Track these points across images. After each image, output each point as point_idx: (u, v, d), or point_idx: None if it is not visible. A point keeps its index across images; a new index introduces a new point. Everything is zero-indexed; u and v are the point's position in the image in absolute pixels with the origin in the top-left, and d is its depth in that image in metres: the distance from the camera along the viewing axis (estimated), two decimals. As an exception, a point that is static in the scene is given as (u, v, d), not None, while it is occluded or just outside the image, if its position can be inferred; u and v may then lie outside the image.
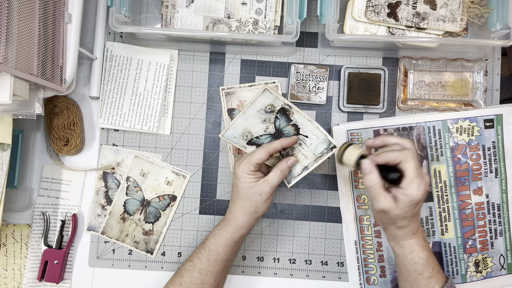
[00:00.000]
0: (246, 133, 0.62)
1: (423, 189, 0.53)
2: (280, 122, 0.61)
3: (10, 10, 0.48)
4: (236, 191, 0.60)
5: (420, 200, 0.53)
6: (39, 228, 0.70)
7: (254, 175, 0.58)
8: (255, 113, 0.61)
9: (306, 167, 0.61)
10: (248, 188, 0.58)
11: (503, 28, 0.62)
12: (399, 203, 0.53)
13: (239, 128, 0.62)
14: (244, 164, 0.58)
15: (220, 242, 0.60)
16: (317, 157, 0.61)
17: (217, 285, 0.61)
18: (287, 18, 0.61)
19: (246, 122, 0.61)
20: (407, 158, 0.53)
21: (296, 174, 0.62)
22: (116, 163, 0.71)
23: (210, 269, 0.60)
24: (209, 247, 0.60)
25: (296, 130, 0.61)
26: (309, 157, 0.61)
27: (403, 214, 0.54)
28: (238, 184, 0.59)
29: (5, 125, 0.62)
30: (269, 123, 0.61)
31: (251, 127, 0.61)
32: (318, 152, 0.61)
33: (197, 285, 0.59)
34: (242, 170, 0.58)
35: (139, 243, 0.70)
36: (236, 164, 0.60)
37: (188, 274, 0.60)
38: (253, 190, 0.58)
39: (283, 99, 0.60)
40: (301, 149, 0.62)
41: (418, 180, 0.53)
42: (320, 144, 0.61)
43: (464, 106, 0.70)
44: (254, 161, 0.57)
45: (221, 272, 0.61)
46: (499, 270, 0.70)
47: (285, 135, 0.62)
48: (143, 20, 0.70)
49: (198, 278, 0.59)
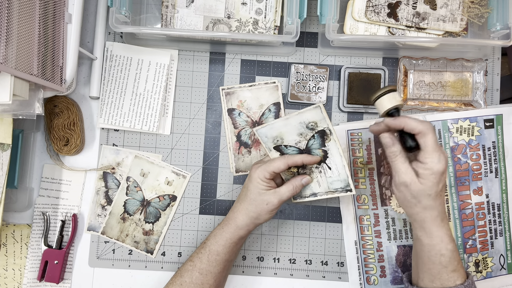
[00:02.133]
0: (278, 138, 0.61)
1: (443, 162, 0.51)
2: (314, 143, 0.60)
3: (10, 10, 0.48)
4: (246, 192, 0.60)
5: (442, 173, 0.52)
6: (39, 228, 0.70)
7: (267, 183, 0.58)
8: (296, 124, 0.60)
9: (315, 194, 0.62)
10: (258, 194, 0.58)
11: (503, 28, 0.62)
12: (421, 178, 0.52)
13: (275, 131, 0.61)
14: (261, 170, 0.58)
15: (220, 243, 0.60)
16: (329, 190, 0.61)
17: (217, 285, 0.61)
18: (287, 18, 0.61)
19: (284, 128, 0.60)
20: (426, 130, 0.51)
21: (303, 195, 0.62)
22: (116, 163, 0.71)
23: (210, 269, 0.60)
24: (209, 247, 0.60)
25: (324, 158, 0.60)
26: (322, 187, 0.61)
27: (427, 191, 0.52)
28: (249, 186, 0.59)
29: (5, 125, 0.62)
30: (303, 139, 0.60)
31: (286, 134, 0.61)
32: (333, 188, 0.61)
33: (197, 285, 0.59)
34: (257, 175, 0.58)
35: (139, 243, 0.70)
36: (254, 167, 0.59)
37: (188, 274, 0.60)
38: (261, 197, 0.58)
39: (328, 123, 0.59)
40: (318, 176, 0.61)
41: (438, 154, 0.51)
42: (338, 181, 0.60)
43: (464, 106, 0.70)
44: (271, 169, 0.57)
45: (221, 272, 0.61)
46: (499, 270, 0.70)
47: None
48: (143, 20, 0.70)
49: (198, 278, 0.59)
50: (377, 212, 0.70)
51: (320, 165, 0.61)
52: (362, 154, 0.70)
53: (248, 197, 0.59)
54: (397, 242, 0.70)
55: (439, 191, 0.53)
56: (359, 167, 0.70)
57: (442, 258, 0.54)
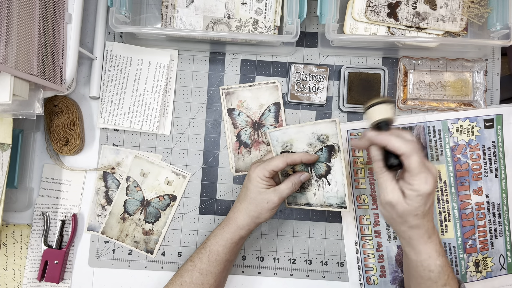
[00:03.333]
0: (288, 144, 0.61)
1: (431, 183, 0.49)
2: (320, 155, 0.60)
3: (10, 10, 0.48)
4: (245, 192, 0.60)
5: (430, 194, 0.49)
6: (39, 228, 0.70)
7: (267, 181, 0.58)
8: (309, 133, 0.60)
9: (310, 205, 0.63)
10: (258, 193, 0.58)
11: (503, 28, 0.62)
12: (407, 198, 0.50)
13: (287, 136, 0.61)
14: (260, 169, 0.58)
15: (221, 243, 0.60)
16: (324, 204, 0.62)
17: (217, 285, 0.61)
18: (287, 18, 0.61)
19: (296, 135, 0.60)
20: (410, 152, 0.49)
21: (298, 203, 0.63)
22: (116, 163, 0.71)
23: (210, 269, 0.60)
24: (209, 247, 0.60)
25: (326, 173, 0.61)
26: (318, 200, 0.62)
27: (413, 211, 0.50)
28: (249, 186, 0.59)
29: (5, 125, 0.62)
30: (311, 149, 0.60)
31: (296, 141, 0.61)
32: (328, 202, 0.61)
33: (197, 285, 0.59)
34: (256, 174, 0.58)
35: (139, 243, 0.70)
36: (253, 166, 0.60)
37: (188, 274, 0.60)
38: (261, 196, 0.58)
39: (339, 139, 0.58)
40: (316, 189, 0.62)
41: (425, 175, 0.49)
42: (335, 197, 0.61)
43: (464, 106, 0.70)
44: (270, 168, 0.57)
45: (221, 272, 0.61)
46: (499, 270, 0.70)
47: (315, 168, 0.61)
48: (143, 20, 0.70)
49: (198, 278, 0.59)
50: (377, 212, 0.70)
51: (320, 179, 0.61)
52: (362, 154, 0.70)
53: (248, 197, 0.59)
54: (397, 242, 0.70)
55: (427, 210, 0.51)
56: (359, 167, 0.70)
57: (431, 273, 0.53)
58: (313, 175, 0.62)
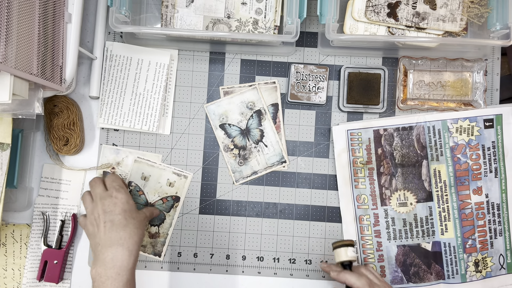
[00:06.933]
0: (224, 116, 0.69)
1: None
2: (252, 122, 0.68)
3: (10, 10, 0.48)
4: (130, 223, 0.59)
5: None
6: (39, 228, 0.69)
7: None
8: (239, 103, 0.67)
9: (256, 172, 0.69)
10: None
11: (503, 28, 0.62)
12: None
13: (221, 108, 0.69)
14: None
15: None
16: (267, 166, 0.69)
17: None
18: (287, 18, 0.61)
19: (228, 106, 0.69)
20: (361, 286, 0.59)
21: (245, 176, 0.69)
22: (116, 162, 0.70)
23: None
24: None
25: (261, 136, 0.68)
26: (261, 164, 0.69)
27: None
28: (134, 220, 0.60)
29: (4, 125, 0.62)
30: (244, 119, 0.68)
31: (230, 112, 0.69)
32: (270, 162, 0.69)
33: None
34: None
35: (146, 246, 0.70)
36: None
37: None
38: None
39: (263, 103, 0.66)
40: (256, 155, 0.68)
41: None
42: (274, 155, 0.69)
43: (464, 106, 0.70)
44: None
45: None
46: (499, 270, 0.70)
47: (251, 135, 0.69)
48: (143, 20, 0.70)
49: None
50: (377, 212, 0.70)
51: (257, 145, 0.68)
52: (362, 154, 0.70)
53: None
54: (397, 242, 0.70)
55: None
56: (359, 167, 0.70)
57: None
58: (252, 143, 0.68)
